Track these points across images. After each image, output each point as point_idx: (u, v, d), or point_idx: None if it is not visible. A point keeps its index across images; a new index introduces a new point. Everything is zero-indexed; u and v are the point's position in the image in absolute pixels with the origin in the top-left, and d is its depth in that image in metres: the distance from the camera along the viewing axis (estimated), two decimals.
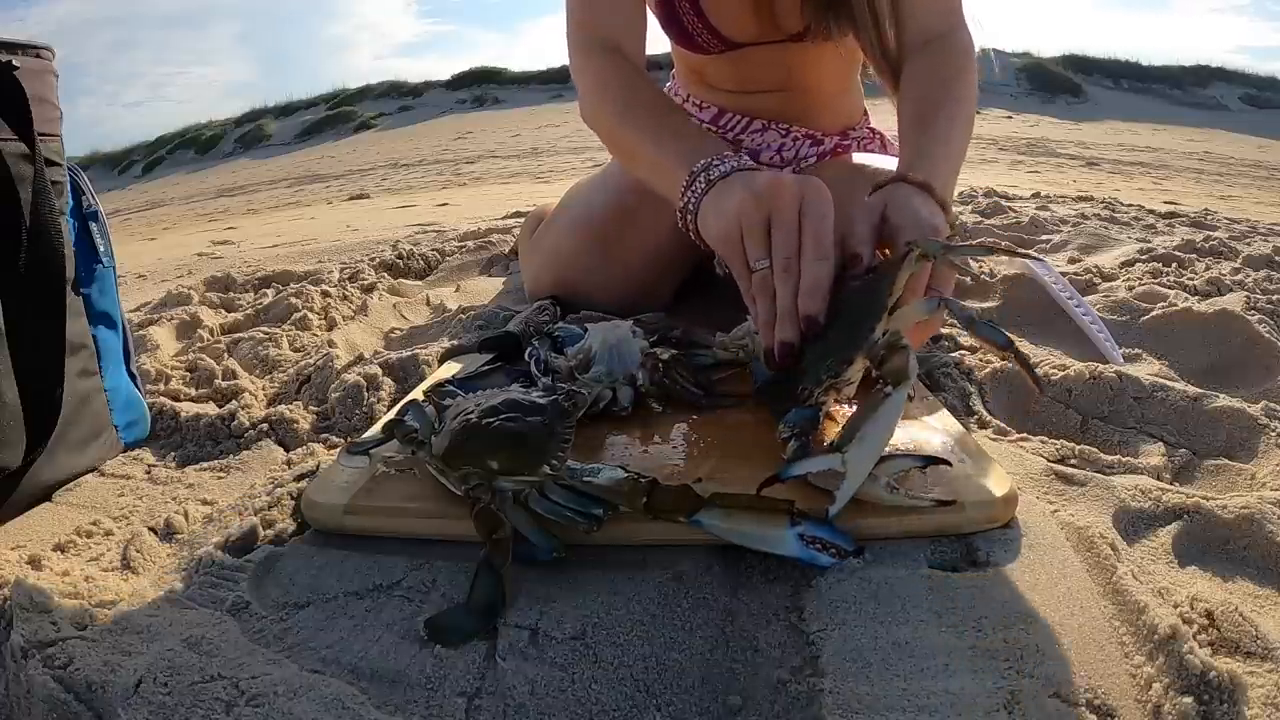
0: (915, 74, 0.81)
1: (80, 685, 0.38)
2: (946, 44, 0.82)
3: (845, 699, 0.37)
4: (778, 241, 0.60)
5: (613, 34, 0.87)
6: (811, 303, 0.57)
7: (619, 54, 0.86)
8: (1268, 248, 1.30)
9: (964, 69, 0.81)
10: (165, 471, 0.67)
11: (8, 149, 0.58)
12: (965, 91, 0.79)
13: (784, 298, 0.59)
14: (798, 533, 0.45)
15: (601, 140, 0.88)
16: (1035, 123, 7.72)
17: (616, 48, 0.86)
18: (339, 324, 1.06)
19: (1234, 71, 12.50)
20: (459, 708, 0.38)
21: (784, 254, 0.59)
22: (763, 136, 1.06)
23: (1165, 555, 0.50)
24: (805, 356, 0.57)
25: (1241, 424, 0.66)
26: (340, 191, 4.22)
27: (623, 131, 0.82)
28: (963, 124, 0.78)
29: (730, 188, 0.64)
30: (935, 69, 0.80)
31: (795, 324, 0.58)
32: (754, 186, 0.62)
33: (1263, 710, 0.37)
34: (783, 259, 0.59)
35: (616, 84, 0.84)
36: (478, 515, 0.47)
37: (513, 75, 14.43)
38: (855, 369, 0.54)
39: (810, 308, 0.57)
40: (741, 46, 0.97)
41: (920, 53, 0.82)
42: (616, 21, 0.87)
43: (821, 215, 0.60)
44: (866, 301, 0.56)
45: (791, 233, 0.59)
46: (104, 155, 13.14)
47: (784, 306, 0.58)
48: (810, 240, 0.59)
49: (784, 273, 0.59)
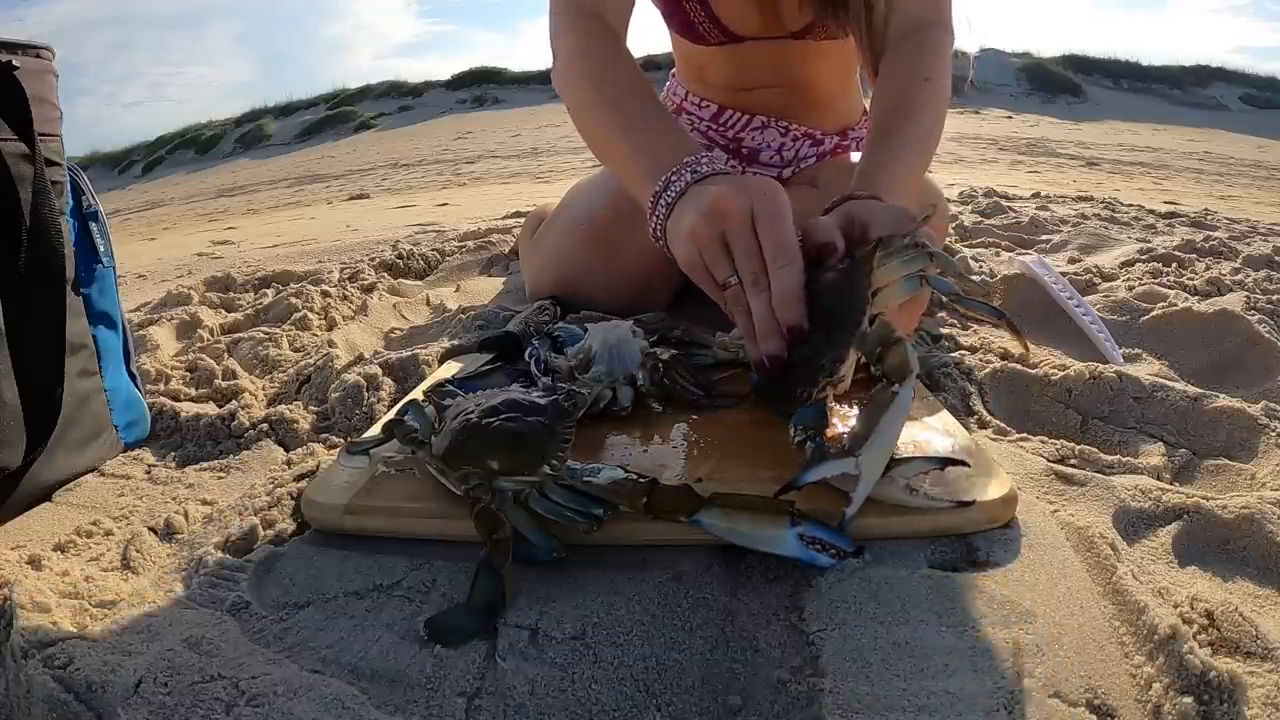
0: (889, 73, 0.82)
1: (80, 685, 0.38)
2: (925, 41, 0.82)
3: (845, 699, 0.37)
4: (739, 259, 0.59)
5: (598, 2, 0.85)
6: (789, 312, 0.57)
7: (602, 21, 0.84)
8: (1268, 248, 1.30)
9: (940, 61, 0.81)
10: (165, 471, 0.67)
11: (8, 149, 0.58)
12: (938, 85, 0.80)
13: (760, 311, 0.58)
14: (797, 533, 0.45)
15: (568, 109, 0.84)
16: (1035, 123, 7.72)
17: (599, 15, 0.84)
18: (339, 324, 1.06)
19: (1234, 71, 12.50)
20: (459, 708, 0.38)
21: (749, 270, 0.58)
22: (762, 135, 1.06)
23: (1165, 555, 0.50)
24: (794, 356, 0.57)
25: (1241, 424, 0.66)
26: (340, 191, 4.23)
27: (595, 114, 0.79)
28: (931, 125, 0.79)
29: (684, 210, 0.64)
30: (909, 70, 0.81)
31: (778, 334, 0.57)
32: (701, 207, 0.61)
33: (1263, 710, 0.36)
34: (749, 275, 0.58)
35: (596, 53, 0.82)
36: (478, 515, 0.47)
37: (513, 75, 14.43)
38: (848, 364, 0.54)
39: (789, 317, 0.57)
40: (743, 40, 0.97)
41: (898, 47, 0.82)
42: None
43: (775, 220, 0.59)
44: (846, 294, 0.56)
45: (750, 247, 0.59)
46: (104, 155, 13.15)
47: (763, 320, 0.58)
48: (771, 248, 0.58)
49: (753, 287, 0.58)
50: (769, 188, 0.61)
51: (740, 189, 0.60)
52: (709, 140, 1.08)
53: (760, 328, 0.58)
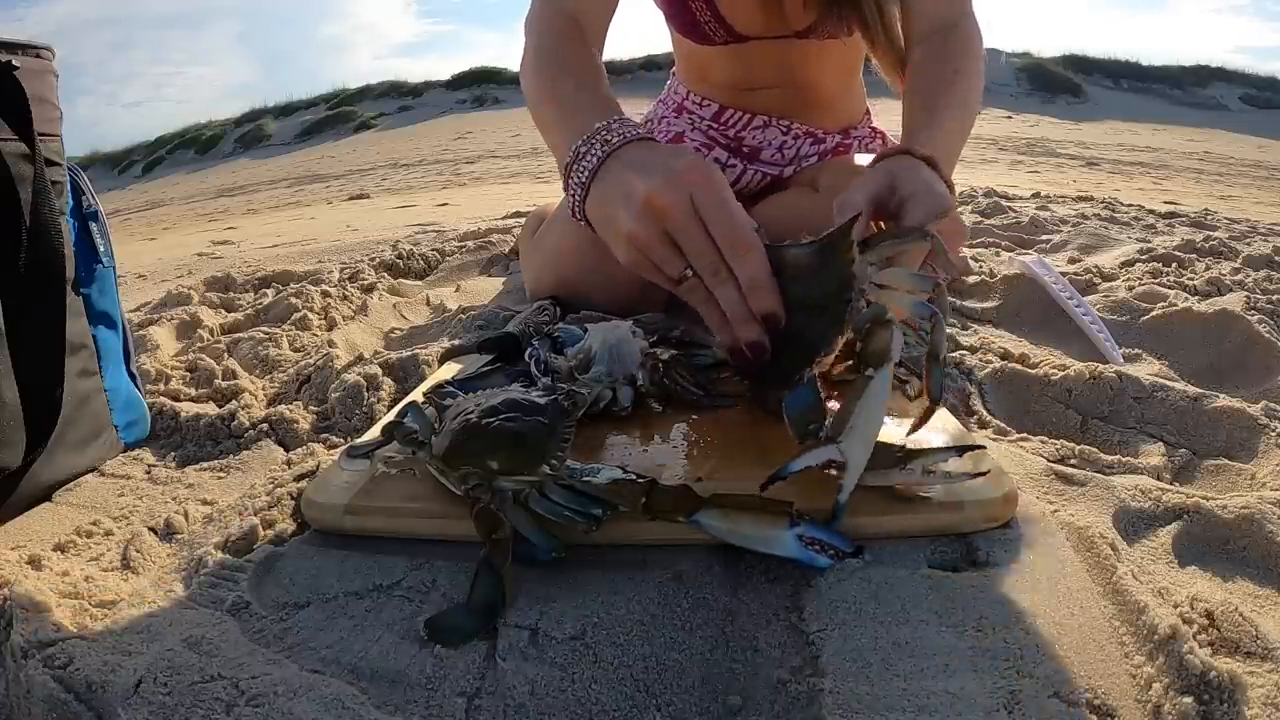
0: (921, 61, 0.81)
1: (80, 685, 0.38)
2: (954, 34, 0.82)
3: (845, 699, 0.37)
4: (692, 256, 0.56)
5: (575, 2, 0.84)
6: (763, 301, 0.54)
7: (573, 21, 0.83)
8: (1268, 248, 1.30)
9: (970, 55, 0.80)
10: (165, 471, 0.67)
11: (8, 149, 0.58)
12: (970, 80, 0.79)
13: (730, 301, 0.55)
14: (796, 534, 0.45)
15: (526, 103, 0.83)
16: (1035, 123, 7.72)
17: (573, 15, 0.83)
18: (339, 324, 1.06)
19: (1234, 71, 12.50)
20: (459, 708, 0.38)
21: (706, 265, 0.55)
22: (764, 134, 1.06)
23: (1165, 555, 0.50)
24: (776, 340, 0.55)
25: (1241, 424, 0.66)
26: (340, 191, 4.22)
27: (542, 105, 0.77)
28: (967, 111, 0.78)
29: (608, 202, 0.60)
30: (942, 56, 0.80)
31: (754, 321, 0.55)
32: (634, 207, 0.57)
33: (1263, 710, 0.36)
34: (708, 269, 0.55)
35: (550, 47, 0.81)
36: (478, 515, 0.47)
37: (513, 75, 14.31)
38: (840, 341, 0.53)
39: (764, 306, 0.54)
40: (747, 40, 0.97)
41: (926, 41, 0.82)
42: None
43: (720, 207, 0.55)
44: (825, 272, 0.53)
45: (700, 243, 0.55)
46: (104, 155, 13.14)
47: (735, 309, 0.55)
48: (726, 240, 0.54)
49: (714, 278, 0.55)
50: (700, 171, 0.57)
51: (670, 181, 0.56)
52: (710, 139, 1.08)
53: (734, 317, 0.55)
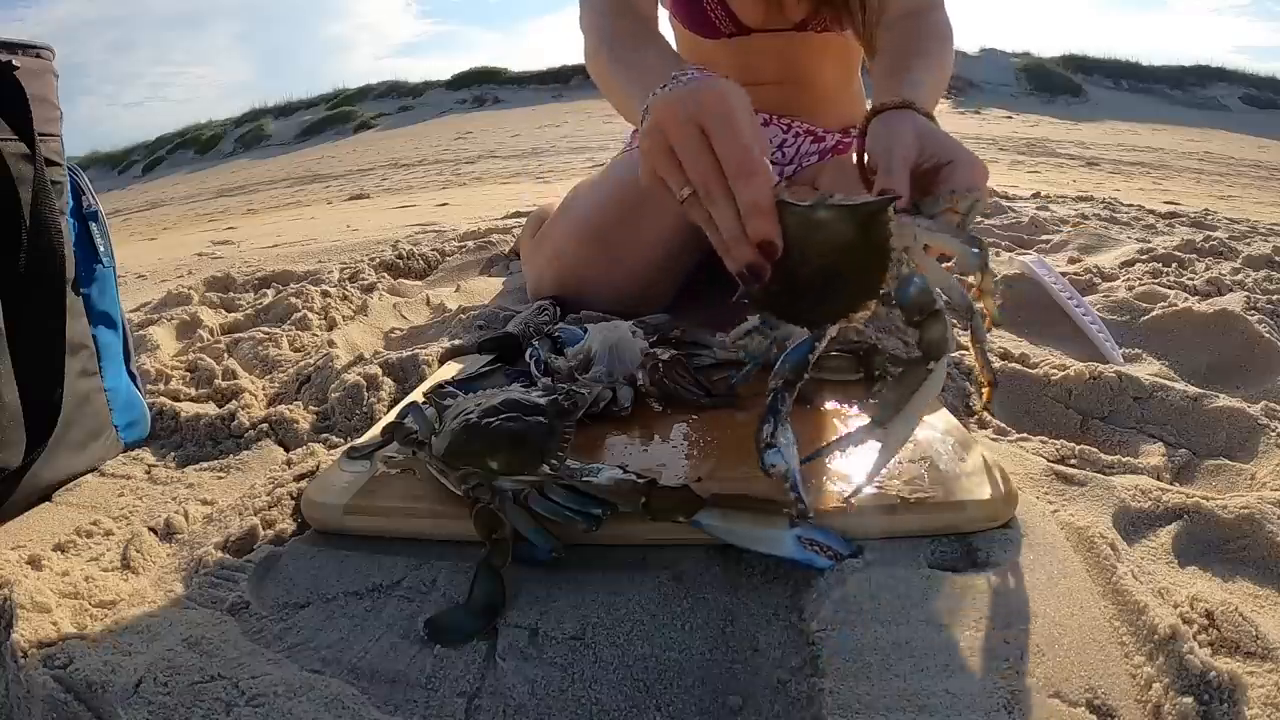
0: (889, 39, 0.84)
1: (80, 685, 0.38)
2: (924, 18, 0.84)
3: (845, 699, 0.37)
4: (688, 167, 0.56)
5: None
6: (757, 226, 0.53)
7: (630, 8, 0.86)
8: (1268, 248, 1.29)
9: (938, 38, 0.83)
10: (165, 471, 0.67)
11: (8, 149, 0.58)
12: (940, 49, 0.80)
13: (725, 222, 0.54)
14: (796, 535, 0.45)
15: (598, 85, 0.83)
16: (1035, 123, 7.71)
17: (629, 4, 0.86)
18: (339, 324, 1.06)
19: (1234, 71, 12.49)
20: (459, 708, 0.39)
21: (698, 177, 0.55)
22: (765, 132, 1.06)
23: (1165, 555, 0.50)
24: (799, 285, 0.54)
25: (1241, 424, 0.66)
26: (340, 191, 4.22)
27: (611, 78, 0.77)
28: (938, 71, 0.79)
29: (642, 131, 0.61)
30: (912, 34, 0.83)
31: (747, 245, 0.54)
32: (648, 122, 0.58)
33: (1263, 710, 0.36)
34: (700, 182, 0.55)
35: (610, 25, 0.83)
36: (478, 515, 0.47)
37: (513, 75, 14.41)
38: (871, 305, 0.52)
39: (758, 231, 0.53)
40: (750, 32, 0.98)
41: (896, 25, 0.85)
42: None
43: (727, 126, 0.54)
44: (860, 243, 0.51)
45: (697, 158, 0.55)
46: (104, 155, 13.14)
47: (728, 231, 0.54)
48: (729, 160, 0.54)
49: (707, 197, 0.55)
50: (719, 90, 0.56)
51: (684, 96, 0.56)
52: None
53: (728, 237, 0.55)
